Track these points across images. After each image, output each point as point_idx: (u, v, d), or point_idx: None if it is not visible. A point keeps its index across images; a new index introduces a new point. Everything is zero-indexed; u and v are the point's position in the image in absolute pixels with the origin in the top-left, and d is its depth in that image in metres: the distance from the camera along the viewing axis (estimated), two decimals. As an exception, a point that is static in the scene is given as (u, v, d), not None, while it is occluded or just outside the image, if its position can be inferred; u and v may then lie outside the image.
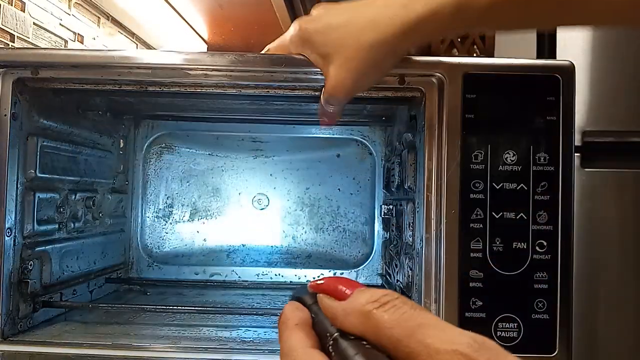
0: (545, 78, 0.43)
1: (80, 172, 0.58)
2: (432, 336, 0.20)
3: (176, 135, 0.75)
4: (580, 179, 0.65)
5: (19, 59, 0.45)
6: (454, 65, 0.44)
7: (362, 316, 0.22)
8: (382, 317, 0.22)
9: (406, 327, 0.21)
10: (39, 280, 0.51)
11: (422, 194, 0.45)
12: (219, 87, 0.46)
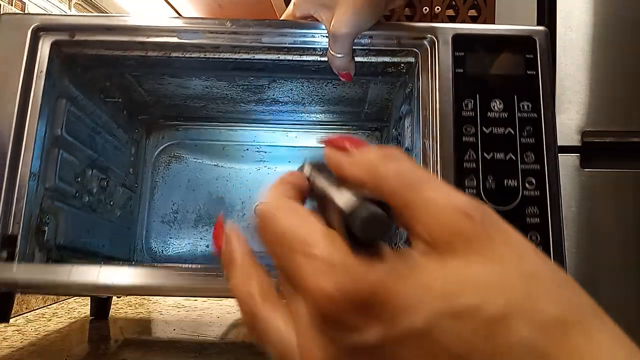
0: (524, 39, 0.49)
1: (98, 151, 0.62)
2: (432, 190, 0.21)
3: (185, 145, 0.79)
4: (580, 179, 0.68)
5: (59, 22, 0.51)
6: (444, 29, 0.50)
7: (367, 166, 0.23)
8: (386, 168, 0.22)
9: (408, 180, 0.21)
10: (54, 237, 0.53)
11: (418, 147, 0.49)
12: (236, 50, 0.51)
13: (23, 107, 0.48)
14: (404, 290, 0.19)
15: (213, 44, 0.51)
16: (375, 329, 0.19)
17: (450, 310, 0.18)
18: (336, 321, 0.19)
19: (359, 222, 0.20)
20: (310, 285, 0.20)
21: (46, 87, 0.50)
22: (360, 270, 0.19)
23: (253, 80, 0.61)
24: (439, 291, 0.18)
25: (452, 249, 0.20)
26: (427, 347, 0.18)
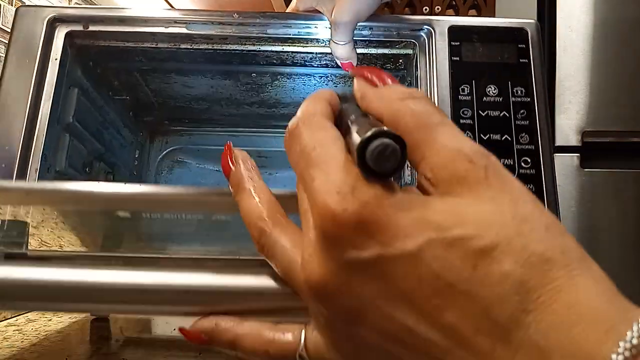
0: (516, 30, 0.52)
1: (106, 145, 0.64)
2: (444, 134, 0.22)
3: (188, 150, 0.81)
4: (580, 179, 0.69)
5: (74, 14, 0.53)
6: (441, 21, 0.53)
7: (388, 101, 0.24)
8: (406, 106, 0.23)
9: (425, 120, 0.23)
10: (62, 222, 0.54)
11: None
12: (243, 41, 0.54)
13: (37, 91, 0.50)
14: (402, 219, 0.20)
15: (221, 35, 0.53)
16: (372, 248, 0.20)
17: (443, 239, 0.20)
18: (337, 238, 0.21)
19: (372, 153, 0.21)
20: (319, 202, 0.21)
21: (60, 74, 0.52)
22: (366, 196, 0.21)
23: (256, 77, 0.63)
24: (435, 223, 0.20)
25: (453, 190, 0.21)
26: (417, 270, 0.20)
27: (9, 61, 0.50)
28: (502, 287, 0.19)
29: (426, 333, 0.20)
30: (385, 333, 0.21)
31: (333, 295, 0.21)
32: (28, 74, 0.50)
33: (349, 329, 0.22)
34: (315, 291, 0.22)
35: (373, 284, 0.21)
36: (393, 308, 0.20)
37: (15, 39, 0.51)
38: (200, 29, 0.53)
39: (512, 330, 0.19)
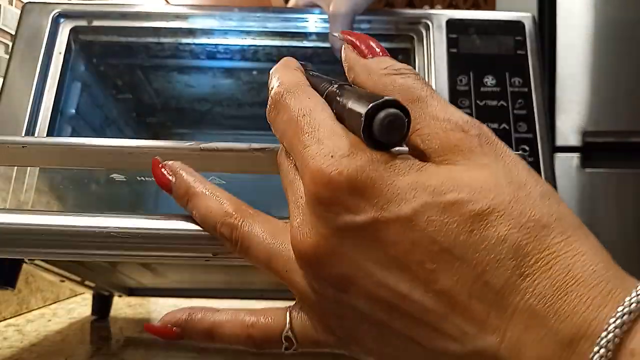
0: (513, 23, 0.53)
1: (108, 142, 0.64)
2: (434, 106, 0.22)
3: None
4: (581, 179, 0.69)
5: (78, 9, 0.54)
6: (438, 15, 0.53)
7: (379, 76, 0.24)
8: (395, 80, 0.23)
9: (413, 95, 0.22)
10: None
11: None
12: (243, 36, 0.55)
13: (41, 84, 0.51)
14: (398, 183, 0.20)
15: (222, 29, 0.54)
16: (366, 212, 0.20)
17: (439, 203, 0.19)
18: (330, 202, 0.20)
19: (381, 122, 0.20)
20: (311, 167, 0.21)
21: (63, 68, 0.53)
22: (361, 160, 0.20)
23: (257, 75, 0.64)
24: (431, 187, 0.20)
25: (447, 159, 0.21)
26: (411, 234, 0.19)
27: (15, 55, 0.51)
28: (498, 251, 0.19)
29: (420, 299, 0.20)
30: (377, 300, 0.21)
31: (324, 262, 0.21)
32: (32, 68, 0.51)
33: (339, 297, 0.22)
34: (307, 259, 0.22)
35: (366, 249, 0.20)
36: (386, 274, 0.20)
37: (21, 33, 0.52)
38: (201, 23, 0.54)
39: (507, 295, 0.19)
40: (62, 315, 0.73)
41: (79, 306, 0.79)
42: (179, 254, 0.25)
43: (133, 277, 0.66)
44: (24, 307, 0.72)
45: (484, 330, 0.19)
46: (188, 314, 0.25)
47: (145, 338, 0.66)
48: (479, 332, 0.19)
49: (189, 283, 0.71)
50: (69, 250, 0.23)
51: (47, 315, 0.72)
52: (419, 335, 0.20)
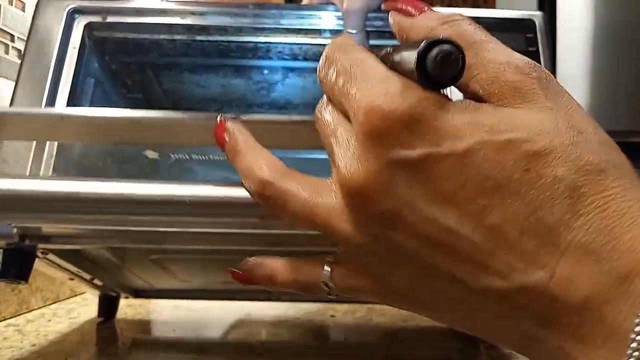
0: (523, 21, 0.54)
1: (118, 141, 0.64)
2: (490, 50, 0.22)
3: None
4: None
5: (93, 5, 0.55)
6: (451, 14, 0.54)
7: (430, 28, 0.24)
8: (447, 28, 0.23)
9: (468, 39, 0.22)
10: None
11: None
12: (257, 32, 0.55)
13: (56, 79, 0.51)
14: (454, 120, 0.20)
15: (236, 26, 0.55)
16: (420, 148, 0.20)
17: (495, 141, 0.20)
18: (383, 137, 0.20)
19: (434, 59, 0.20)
20: (365, 103, 0.21)
21: (77, 63, 0.53)
22: (416, 97, 0.20)
23: (268, 74, 0.64)
24: (487, 125, 0.20)
25: (507, 102, 0.21)
26: (465, 171, 0.20)
27: (29, 51, 0.51)
28: (554, 189, 0.19)
29: (469, 234, 0.20)
30: (423, 237, 0.21)
31: (374, 198, 0.21)
32: (47, 63, 0.51)
33: (385, 235, 0.22)
34: (356, 195, 0.22)
35: (417, 185, 0.20)
36: (435, 209, 0.20)
37: (35, 29, 0.52)
38: (216, 20, 0.54)
39: (560, 232, 0.19)
40: (62, 315, 0.72)
41: (78, 306, 0.78)
42: (226, 220, 0.25)
43: (142, 277, 0.66)
44: (24, 307, 0.71)
45: (533, 265, 0.19)
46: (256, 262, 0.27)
47: (145, 338, 0.66)
48: (527, 267, 0.19)
49: (198, 283, 0.71)
50: (110, 217, 0.23)
51: (47, 315, 0.71)
52: (463, 273, 0.20)
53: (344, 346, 0.63)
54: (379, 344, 0.65)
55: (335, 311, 0.77)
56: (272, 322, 0.73)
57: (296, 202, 0.24)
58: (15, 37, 0.73)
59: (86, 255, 0.55)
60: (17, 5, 0.73)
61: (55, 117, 0.23)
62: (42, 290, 0.76)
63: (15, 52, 0.73)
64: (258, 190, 0.25)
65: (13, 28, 0.72)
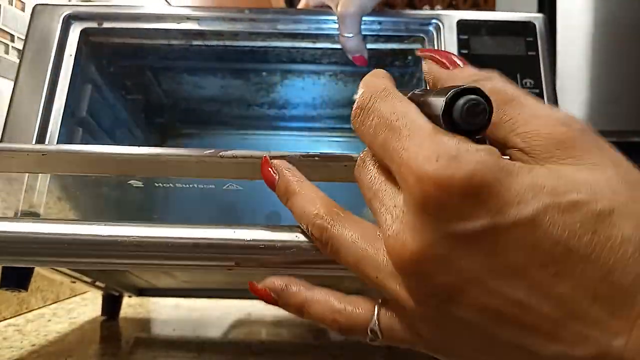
0: (523, 24, 0.53)
1: (118, 144, 0.64)
2: (530, 105, 0.22)
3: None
4: None
5: (88, 11, 0.54)
6: (449, 16, 0.53)
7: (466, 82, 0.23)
8: (484, 85, 0.22)
9: (506, 96, 0.22)
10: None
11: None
12: (253, 37, 0.54)
13: (52, 86, 0.51)
14: (514, 184, 0.19)
15: (232, 31, 0.54)
16: (483, 218, 0.19)
17: (559, 204, 0.19)
18: (440, 208, 0.19)
19: (461, 108, 0.20)
20: (417, 169, 0.19)
21: (74, 70, 0.53)
22: (472, 163, 0.19)
23: (266, 76, 0.64)
24: (548, 188, 0.19)
25: (552, 156, 0.20)
26: (532, 237, 0.19)
27: (25, 57, 0.51)
28: (624, 250, 0.18)
29: (537, 306, 0.19)
30: (487, 310, 0.20)
31: (430, 271, 0.20)
32: (43, 69, 0.51)
33: (442, 307, 0.21)
34: (409, 268, 0.20)
35: (479, 257, 0.19)
36: (501, 282, 0.19)
37: (31, 35, 0.52)
38: (212, 25, 0.54)
39: (635, 294, 0.18)
40: (62, 315, 0.73)
41: (78, 306, 0.79)
42: (200, 263, 0.25)
43: (144, 278, 0.67)
44: (24, 307, 0.72)
45: (607, 333, 0.18)
46: (285, 285, 0.26)
47: (146, 338, 0.66)
48: (602, 335, 0.18)
49: (198, 283, 0.72)
50: (90, 260, 0.23)
51: (47, 315, 0.72)
52: (530, 344, 0.19)
53: (344, 346, 0.63)
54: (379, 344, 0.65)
55: (335, 311, 0.77)
56: (272, 322, 0.73)
57: (349, 250, 0.23)
58: (15, 37, 0.73)
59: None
60: (17, 5, 0.73)
61: (37, 154, 0.23)
62: (42, 290, 0.76)
63: (15, 52, 0.73)
64: (314, 234, 0.24)
65: (13, 28, 0.72)
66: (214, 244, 0.25)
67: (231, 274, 0.68)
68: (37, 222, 0.24)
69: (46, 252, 0.25)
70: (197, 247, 0.24)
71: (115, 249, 0.22)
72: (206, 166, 0.26)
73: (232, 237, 0.25)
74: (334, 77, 0.63)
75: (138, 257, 0.23)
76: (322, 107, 0.71)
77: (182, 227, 0.25)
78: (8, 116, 0.49)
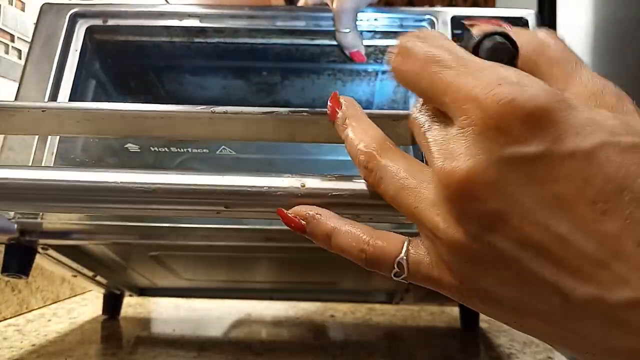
0: (516, 19, 0.54)
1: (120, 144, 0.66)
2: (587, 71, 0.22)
3: (200, 155, 0.82)
4: None
5: (94, 9, 0.56)
6: (443, 12, 0.55)
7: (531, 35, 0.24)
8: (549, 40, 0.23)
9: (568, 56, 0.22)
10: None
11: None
12: (253, 34, 0.56)
13: (57, 80, 0.52)
14: (575, 117, 0.19)
15: (233, 28, 0.56)
16: (540, 143, 0.19)
17: (618, 142, 0.18)
18: (498, 130, 0.19)
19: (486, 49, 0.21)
20: (478, 95, 0.19)
21: (79, 65, 0.54)
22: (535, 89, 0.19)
23: (267, 76, 0.65)
24: (608, 126, 0.19)
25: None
26: (586, 171, 0.18)
27: (32, 54, 0.53)
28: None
29: (580, 242, 0.18)
30: (526, 242, 0.19)
31: (477, 195, 0.19)
32: (49, 65, 0.53)
33: (482, 236, 0.20)
34: (457, 190, 0.20)
35: (529, 184, 0.19)
36: (547, 213, 0.19)
37: (38, 33, 0.54)
38: (212, 22, 0.55)
39: None
40: (62, 315, 0.73)
41: (78, 306, 0.80)
42: (190, 208, 0.26)
43: (143, 275, 0.67)
44: (24, 307, 0.73)
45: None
46: (315, 212, 0.25)
47: (146, 337, 0.66)
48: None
49: (200, 282, 0.72)
50: (87, 205, 0.24)
51: (47, 315, 0.73)
52: (564, 283, 0.19)
53: (343, 346, 0.63)
54: (379, 343, 0.65)
55: (335, 311, 0.77)
56: (272, 322, 0.73)
57: (390, 182, 0.23)
58: (15, 37, 0.73)
59: (86, 251, 0.56)
60: (17, 5, 0.74)
61: (36, 111, 0.24)
62: (42, 290, 0.77)
63: (15, 52, 0.73)
64: (361, 159, 0.25)
65: (13, 28, 0.73)
66: (202, 189, 0.25)
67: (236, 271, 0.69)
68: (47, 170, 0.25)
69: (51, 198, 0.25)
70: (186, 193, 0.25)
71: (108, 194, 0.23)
72: (198, 124, 0.27)
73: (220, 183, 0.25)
74: (333, 76, 0.65)
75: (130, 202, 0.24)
76: (323, 108, 0.72)
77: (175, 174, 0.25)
78: (14, 108, 0.51)
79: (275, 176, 0.26)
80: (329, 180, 0.26)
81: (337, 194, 0.25)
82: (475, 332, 0.69)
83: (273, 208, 0.25)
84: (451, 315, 0.78)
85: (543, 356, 0.58)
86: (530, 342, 0.63)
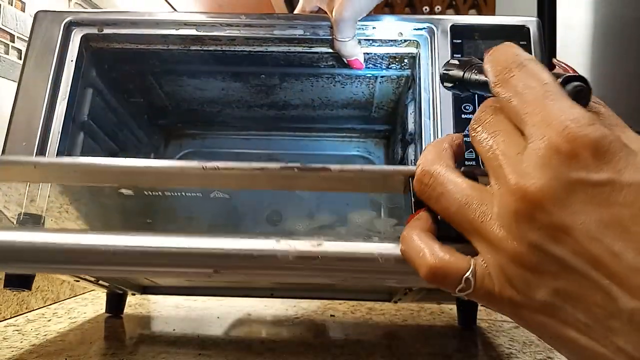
0: (517, 27, 0.53)
1: (120, 145, 0.66)
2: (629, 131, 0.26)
3: (201, 153, 0.83)
4: None
5: (89, 18, 0.56)
6: (443, 20, 0.54)
7: None
8: None
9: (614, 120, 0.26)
10: (76, 217, 0.56)
11: (420, 127, 0.52)
12: (250, 42, 0.55)
13: (54, 91, 0.52)
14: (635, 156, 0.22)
15: (229, 36, 0.55)
16: (605, 173, 0.22)
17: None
18: (570, 157, 0.22)
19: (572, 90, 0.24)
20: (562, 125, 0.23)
21: (75, 75, 0.54)
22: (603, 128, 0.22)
23: (265, 79, 0.65)
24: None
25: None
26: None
27: (28, 63, 0.53)
28: None
29: (632, 259, 0.21)
30: (585, 253, 0.22)
31: (547, 208, 0.22)
32: (45, 75, 0.52)
33: (545, 247, 0.23)
34: (529, 202, 0.23)
35: (592, 206, 0.22)
36: (604, 231, 0.22)
37: (33, 41, 0.53)
38: (209, 30, 0.55)
39: None
40: (62, 315, 0.74)
41: (78, 306, 0.80)
42: (182, 270, 0.26)
43: (146, 276, 0.68)
44: (24, 307, 0.73)
45: None
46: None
47: (147, 337, 0.67)
48: None
49: (201, 281, 0.73)
50: (79, 267, 0.24)
51: (47, 315, 0.73)
52: (615, 291, 0.22)
53: (343, 345, 0.64)
54: (379, 343, 0.66)
55: (335, 311, 0.78)
56: (272, 321, 0.74)
57: (454, 197, 0.26)
58: (15, 37, 0.73)
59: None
60: (17, 5, 0.73)
61: (29, 165, 0.24)
62: (42, 290, 0.78)
63: (15, 52, 0.73)
64: (421, 177, 0.27)
65: (13, 28, 0.72)
66: (194, 252, 0.25)
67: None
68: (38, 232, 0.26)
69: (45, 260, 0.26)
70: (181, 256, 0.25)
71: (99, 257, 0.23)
72: (191, 178, 0.27)
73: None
74: (332, 79, 0.64)
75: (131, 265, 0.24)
76: (322, 108, 0.72)
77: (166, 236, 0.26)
78: (11, 121, 0.51)
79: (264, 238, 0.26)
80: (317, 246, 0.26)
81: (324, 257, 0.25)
82: (473, 331, 0.70)
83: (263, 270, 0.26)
84: (451, 314, 0.78)
85: (543, 356, 0.59)
86: (530, 342, 0.64)
